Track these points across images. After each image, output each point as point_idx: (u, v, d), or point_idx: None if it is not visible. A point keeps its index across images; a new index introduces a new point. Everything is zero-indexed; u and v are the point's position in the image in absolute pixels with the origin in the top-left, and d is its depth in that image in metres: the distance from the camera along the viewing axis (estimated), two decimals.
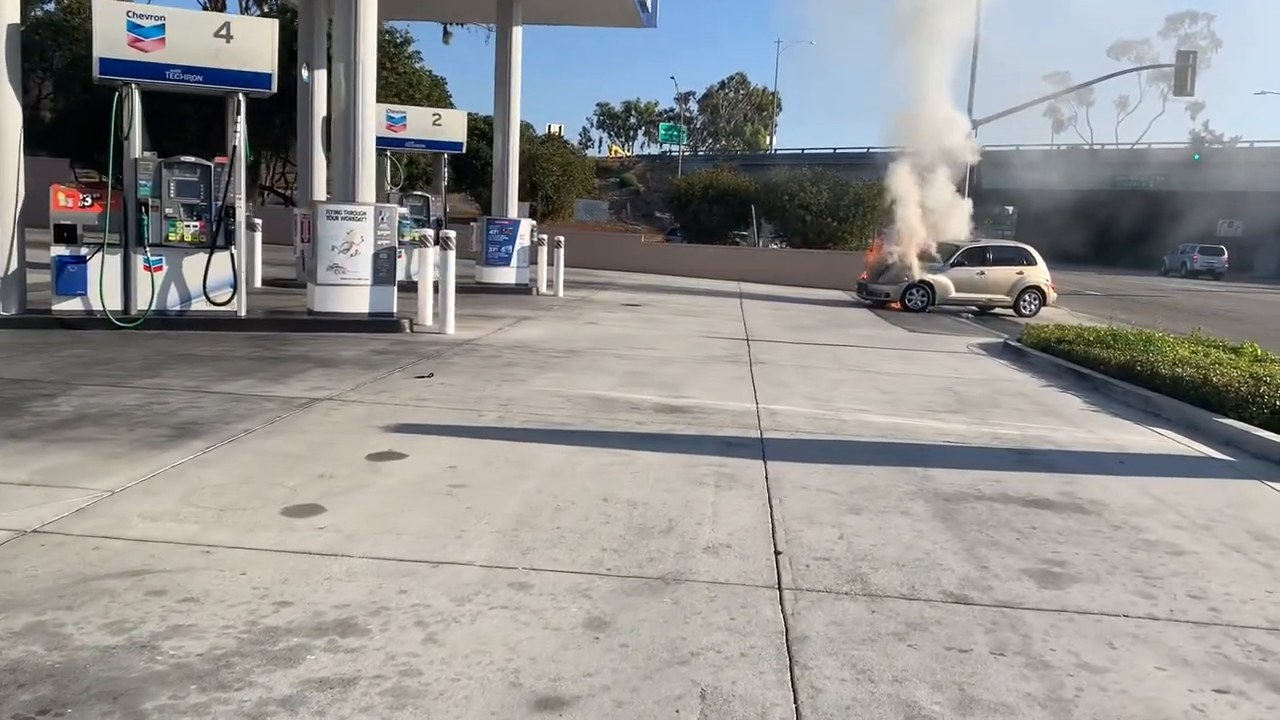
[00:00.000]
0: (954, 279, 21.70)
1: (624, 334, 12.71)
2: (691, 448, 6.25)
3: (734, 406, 7.77)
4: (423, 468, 5.41)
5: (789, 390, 8.78)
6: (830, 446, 6.53)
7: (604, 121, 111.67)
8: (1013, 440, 7.07)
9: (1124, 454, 6.84)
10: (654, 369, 9.62)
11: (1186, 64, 29.06)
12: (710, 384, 8.87)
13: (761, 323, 15.98)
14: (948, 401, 8.66)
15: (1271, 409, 7.72)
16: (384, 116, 18.09)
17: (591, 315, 15.21)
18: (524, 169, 41.06)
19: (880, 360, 11.52)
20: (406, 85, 31.15)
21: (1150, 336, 12.22)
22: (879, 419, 7.61)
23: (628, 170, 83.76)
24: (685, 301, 19.65)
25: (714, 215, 33.18)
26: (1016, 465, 6.28)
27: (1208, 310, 27.22)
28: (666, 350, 11.21)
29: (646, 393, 8.20)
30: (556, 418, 6.94)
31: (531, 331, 12.36)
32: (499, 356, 9.85)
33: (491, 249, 18.87)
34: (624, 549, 4.26)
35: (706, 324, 14.94)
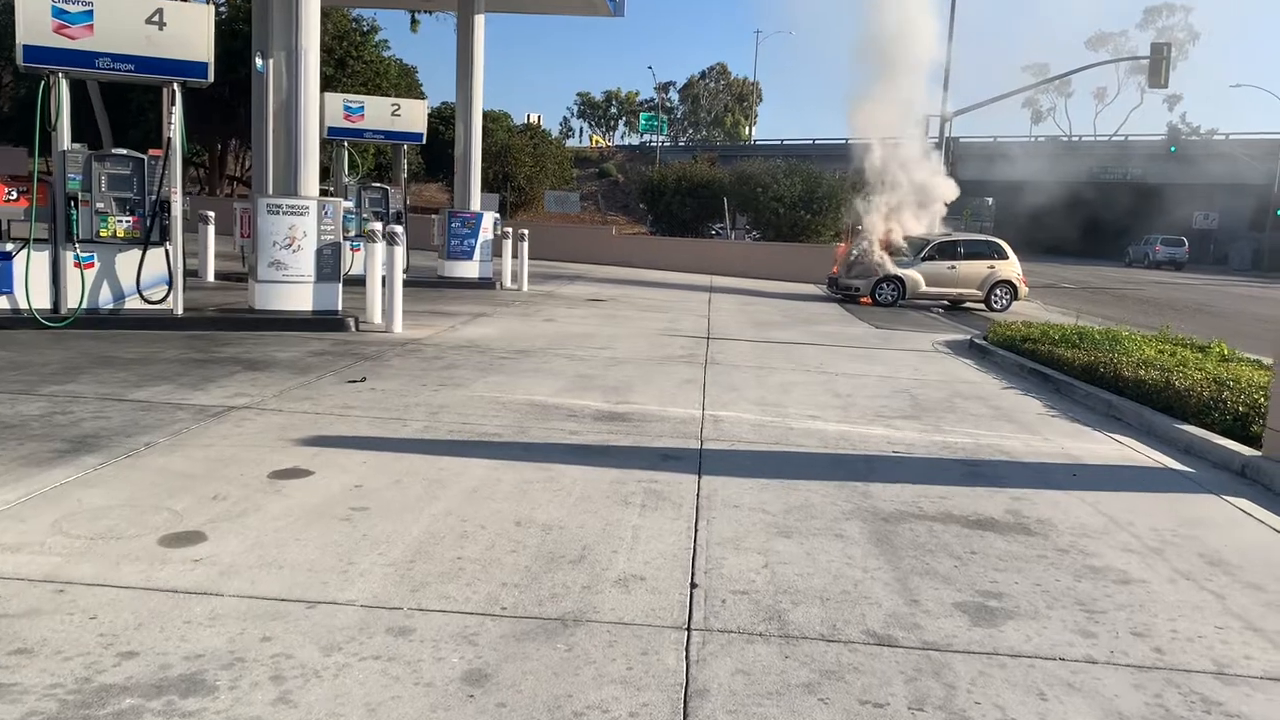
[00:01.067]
0: (924, 273, 21.46)
1: (581, 332, 12.36)
2: (625, 461, 5.92)
3: (678, 413, 7.45)
4: (326, 487, 5.05)
5: (740, 394, 8.46)
6: (771, 459, 6.21)
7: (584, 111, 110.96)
8: (963, 450, 6.77)
9: (1078, 465, 6.55)
10: (604, 371, 9.28)
11: (1161, 56, 28.91)
12: (660, 387, 8.54)
13: (727, 319, 15.67)
14: (903, 406, 8.36)
15: (1234, 415, 7.46)
16: (341, 106, 17.66)
17: (552, 312, 14.84)
18: (495, 159, 40.71)
19: (840, 360, 11.22)
20: (374, 75, 30.60)
21: (1117, 335, 11.98)
22: (828, 426, 7.30)
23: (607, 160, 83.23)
24: (653, 296, 19.31)
25: (687, 207, 32.80)
26: (964, 479, 5.98)
27: (1182, 304, 27.12)
28: (622, 350, 10.87)
29: (590, 398, 7.86)
30: (487, 428, 6.59)
31: (484, 330, 11.99)
32: (442, 358, 9.48)
33: (453, 242, 18.46)
34: (526, 583, 3.93)
35: (669, 320, 14.61)
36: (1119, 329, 12.59)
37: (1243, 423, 7.35)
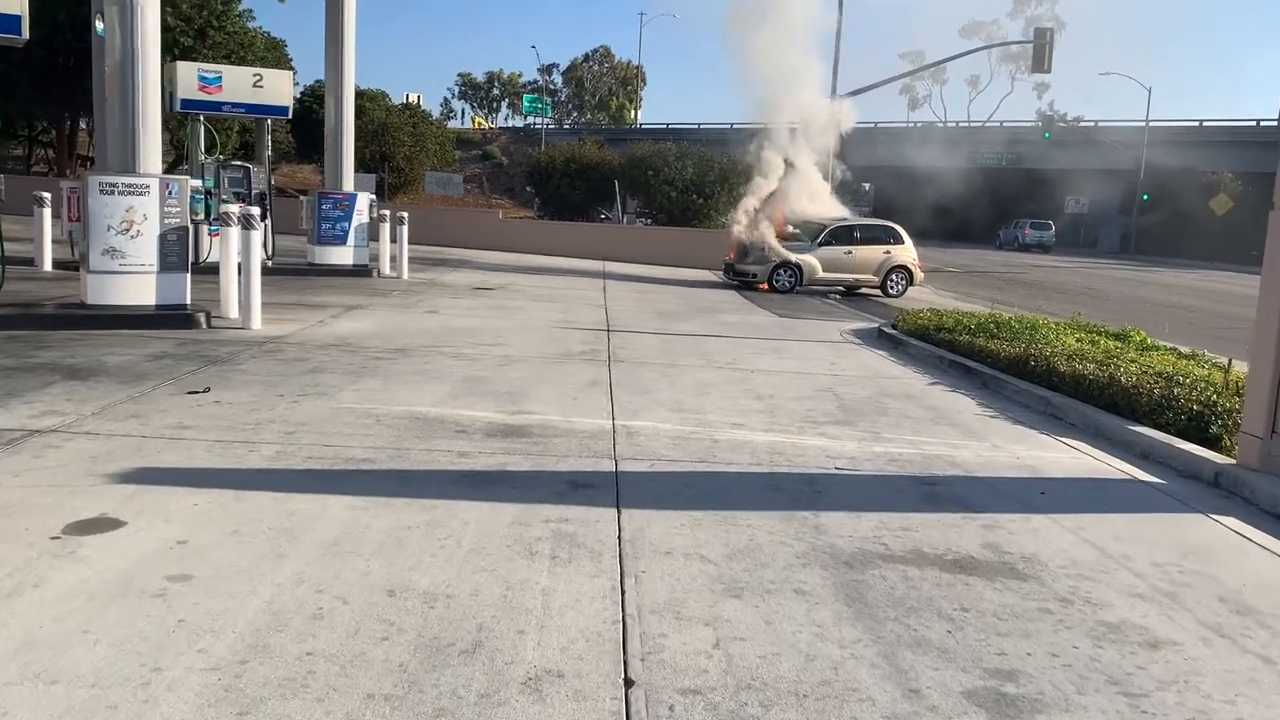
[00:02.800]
0: (821, 259, 20.92)
1: (468, 326, 11.21)
2: (527, 492, 4.88)
3: (585, 424, 6.43)
4: (140, 546, 3.87)
5: (652, 398, 7.50)
6: (700, 482, 5.26)
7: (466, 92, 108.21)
8: (912, 463, 5.95)
9: (1041, 480, 5.80)
10: (496, 372, 8.19)
11: (1044, 40, 29.12)
12: (561, 391, 7.51)
13: (625, 308, 14.70)
14: (830, 409, 7.53)
15: (1188, 415, 6.86)
16: (195, 77, 15.95)
17: (435, 302, 13.61)
18: (373, 138, 38.80)
19: (752, 354, 10.37)
20: (238, 46, 28.44)
21: (1035, 324, 11.46)
22: (756, 436, 6.39)
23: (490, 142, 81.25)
24: (544, 284, 18.20)
25: (576, 191, 31.66)
26: (924, 503, 5.14)
27: (1069, 287, 27.41)
28: (515, 346, 9.79)
29: (482, 407, 6.77)
30: (355, 451, 5.45)
31: (357, 324, 10.72)
32: (307, 359, 8.23)
33: (324, 226, 16.97)
34: (402, 693, 2.87)
35: (564, 311, 13.55)
36: (1034, 317, 12.10)
37: (1199, 423, 6.75)
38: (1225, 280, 35.59)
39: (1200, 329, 17.11)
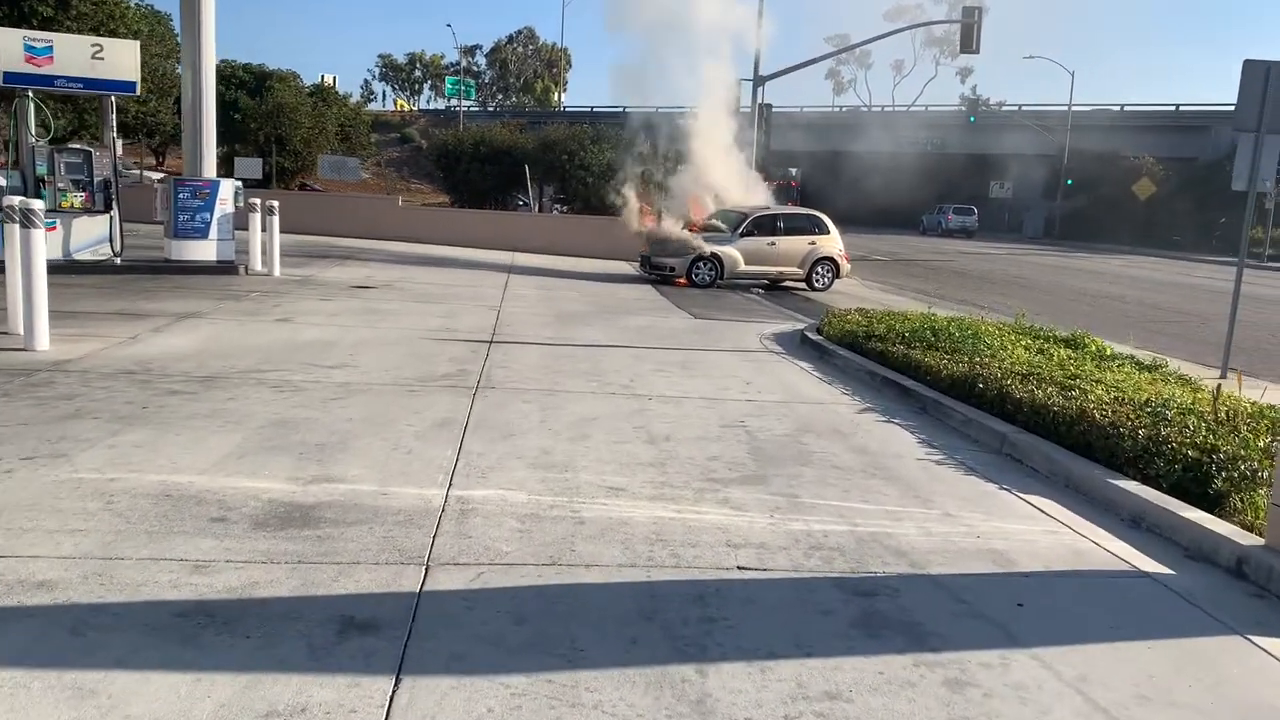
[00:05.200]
0: (743, 251, 19.47)
1: (320, 339, 9.43)
2: (264, 649, 3.20)
3: (406, 498, 4.77)
4: None
5: (513, 445, 5.86)
6: (541, 610, 3.63)
7: (387, 74, 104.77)
8: (841, 552, 4.40)
9: (1014, 575, 4.29)
10: (320, 410, 6.47)
11: (973, 20, 28.04)
12: (395, 440, 5.83)
13: (521, 310, 13.03)
14: (739, 456, 5.97)
15: (1183, 463, 5.44)
16: (21, 45, 13.76)
17: (295, 306, 11.77)
18: (267, 120, 36.38)
19: (655, 372, 8.79)
20: (106, 18, 25.78)
21: (976, 330, 10.06)
22: (637, 510, 4.79)
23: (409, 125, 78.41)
24: (438, 279, 16.42)
25: (487, 176, 29.68)
26: (860, 633, 3.59)
27: (996, 276, 26.40)
28: (365, 367, 8.06)
29: (270, 472, 5.06)
30: (37, 566, 3.71)
31: (177, 340, 8.86)
32: (75, 397, 6.40)
33: (182, 217, 14.95)
34: None
35: (447, 315, 11.82)
36: (976, 322, 10.72)
37: (1196, 475, 5.34)
38: (1151, 266, 35.13)
39: (1140, 324, 16.02)
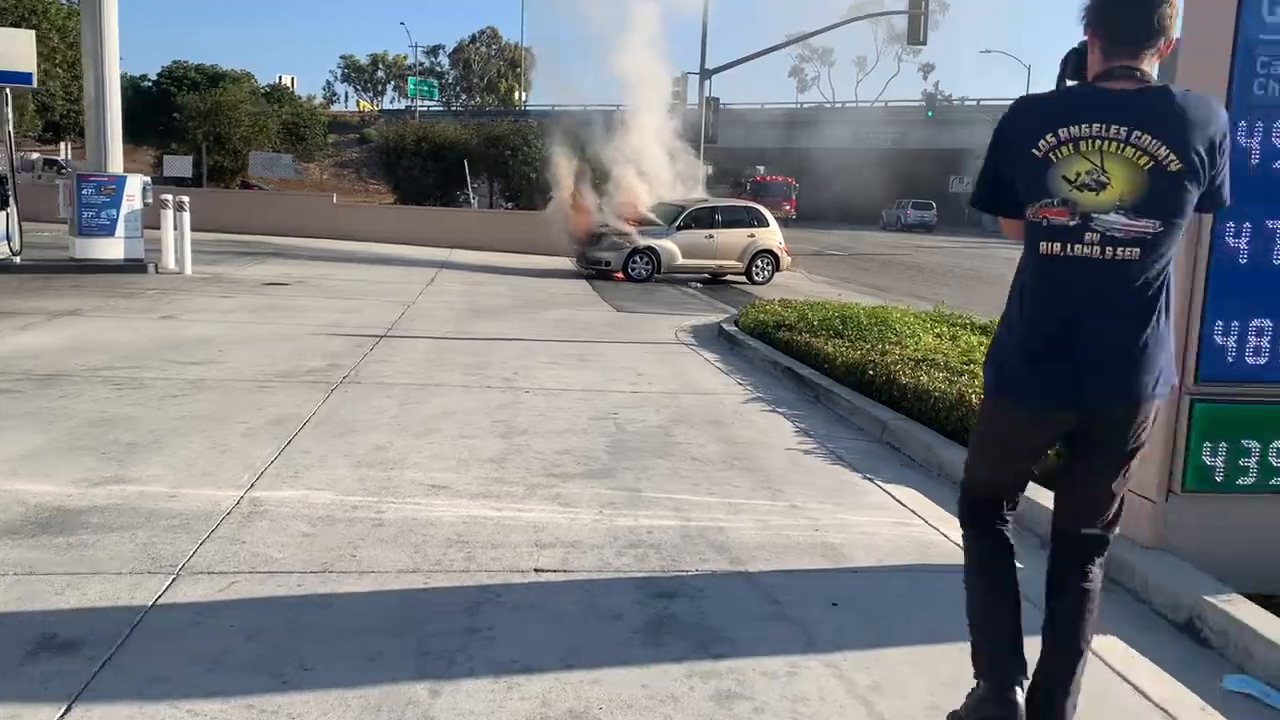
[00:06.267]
0: (680, 244, 19.11)
1: (198, 336, 8.96)
2: None
3: (196, 499, 4.34)
4: None
5: (346, 443, 5.45)
6: (283, 624, 3.23)
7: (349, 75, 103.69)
8: (660, 549, 4.02)
9: (841, 570, 3.94)
10: (152, 409, 6.03)
11: (919, 11, 27.82)
12: (219, 438, 5.39)
13: (436, 305, 12.59)
14: (595, 448, 5.59)
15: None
16: None
17: (192, 303, 11.27)
18: (205, 119, 35.61)
19: (547, 365, 8.39)
20: (28, 12, 24.99)
21: (887, 317, 9.72)
22: (452, 508, 4.40)
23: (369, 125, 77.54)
24: (361, 276, 15.94)
25: (429, 172, 29.11)
26: (641, 639, 3.22)
27: (946, 269, 26.21)
28: (233, 364, 7.62)
29: (61, 472, 4.63)
30: None
31: (41, 339, 8.37)
32: None
33: (87, 214, 14.36)
34: None
35: (350, 311, 11.37)
36: (888, 308, 10.39)
37: None
38: None
39: None
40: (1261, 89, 3.66)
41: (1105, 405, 2.44)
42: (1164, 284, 2.40)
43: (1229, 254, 3.73)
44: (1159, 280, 2.39)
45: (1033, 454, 2.63)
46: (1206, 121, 2.37)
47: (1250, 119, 3.66)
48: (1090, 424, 2.49)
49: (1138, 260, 2.36)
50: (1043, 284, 2.46)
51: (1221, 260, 3.74)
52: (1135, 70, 2.38)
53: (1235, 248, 3.73)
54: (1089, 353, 2.40)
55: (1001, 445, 2.65)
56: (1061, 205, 2.38)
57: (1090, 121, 2.35)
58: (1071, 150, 2.36)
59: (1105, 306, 2.39)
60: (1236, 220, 3.71)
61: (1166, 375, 2.45)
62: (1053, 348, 2.42)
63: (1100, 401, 2.43)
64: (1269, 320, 3.78)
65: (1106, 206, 2.35)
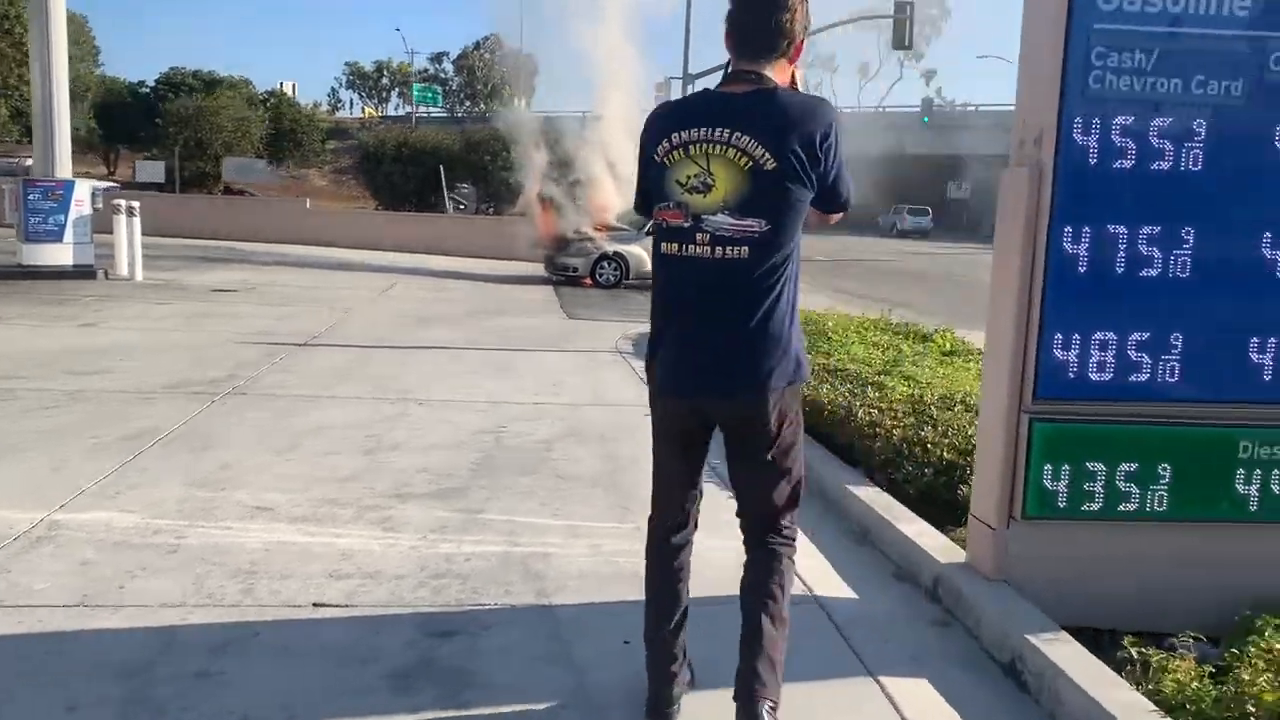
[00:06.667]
0: (649, 250, 18.78)
1: (110, 344, 8.73)
2: None
3: None
4: None
5: (197, 457, 5.20)
6: None
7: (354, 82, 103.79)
8: (465, 582, 3.75)
9: None
10: (8, 422, 5.79)
11: (905, 15, 27.55)
12: (55, 455, 5.15)
13: (380, 312, 12.37)
14: (457, 466, 5.32)
15: (936, 468, 4.81)
16: None
17: (121, 310, 11.06)
18: (186, 124, 35.50)
19: (459, 375, 8.14)
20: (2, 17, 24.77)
21: (823, 325, 9.42)
22: (261, 534, 4.13)
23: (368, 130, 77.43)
24: (314, 282, 15.71)
25: (410, 178, 28.89)
26: (385, 685, 2.94)
27: (933, 275, 25.91)
28: (126, 372, 7.41)
29: None
30: None
31: None
32: None
33: (34, 220, 14.18)
34: None
35: (286, 318, 11.12)
36: (827, 315, 10.08)
37: (949, 480, 4.71)
38: None
39: None
40: (1098, 82, 3.37)
41: (722, 397, 2.51)
42: (781, 282, 2.46)
43: (1068, 260, 3.43)
44: (775, 278, 2.44)
45: (679, 452, 2.71)
46: (803, 121, 2.40)
47: (1086, 114, 3.37)
48: (719, 417, 2.60)
49: (747, 259, 2.41)
50: (667, 283, 2.56)
51: (1059, 267, 3.44)
52: (753, 74, 2.45)
53: (1074, 254, 3.43)
54: (706, 347, 2.48)
55: (657, 440, 2.76)
56: (676, 208, 2.46)
57: (698, 126, 2.43)
58: (682, 154, 2.45)
59: (719, 304, 2.45)
60: (1075, 224, 3.42)
61: (785, 370, 2.49)
62: (675, 341, 2.54)
63: (717, 393, 2.50)
64: (1113, 333, 3.48)
65: (714, 208, 2.41)
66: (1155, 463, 3.55)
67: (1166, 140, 3.39)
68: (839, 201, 2.59)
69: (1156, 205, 3.44)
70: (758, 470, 2.63)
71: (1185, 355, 3.50)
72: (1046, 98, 3.41)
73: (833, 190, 2.53)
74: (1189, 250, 3.45)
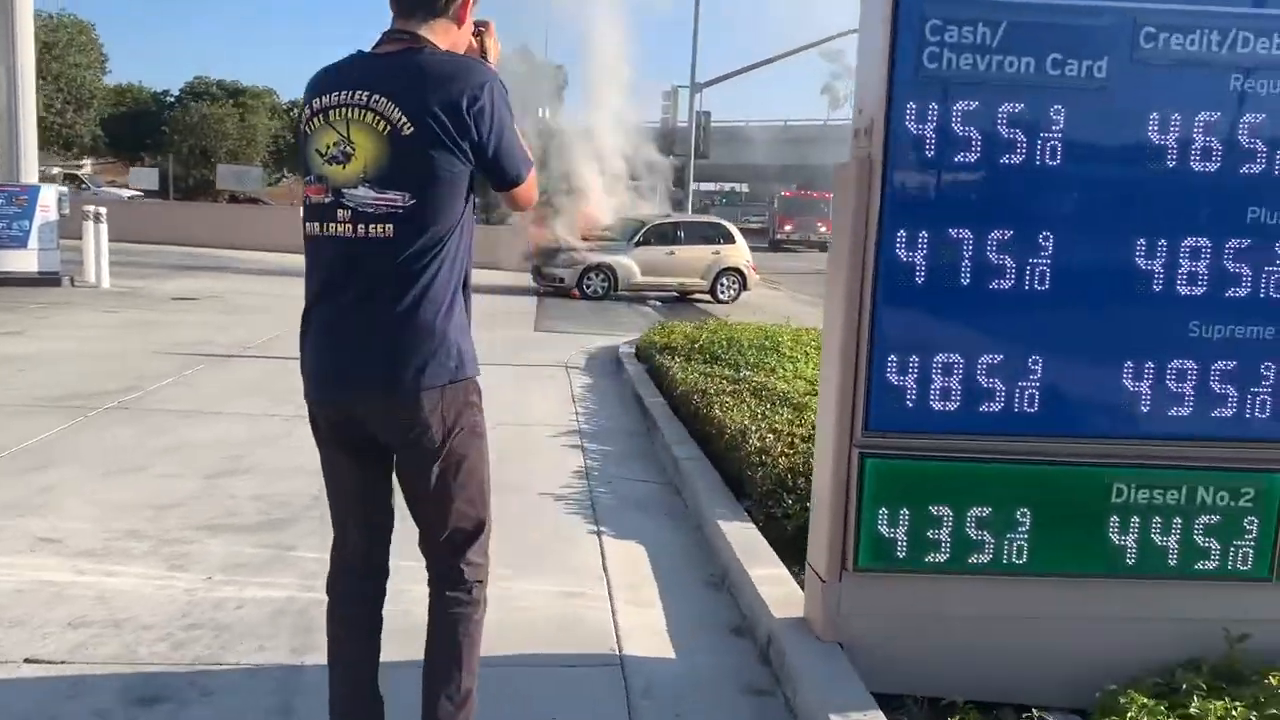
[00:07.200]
0: (639, 260, 18.41)
1: (25, 353, 8.42)
2: None
3: None
4: None
5: (24, 480, 4.83)
6: None
7: None
8: (218, 635, 3.30)
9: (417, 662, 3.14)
10: None
11: None
12: None
13: None
14: (307, 490, 4.86)
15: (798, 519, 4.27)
16: None
17: (64, 318, 10.79)
18: (190, 132, 35.57)
19: None
20: None
21: (779, 341, 8.90)
22: (33, 569, 3.72)
23: None
24: (280, 292, 15.17)
25: None
26: None
27: None
28: (24, 385, 7.15)
29: None
30: None
31: None
32: None
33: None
34: None
35: (229, 328, 10.78)
36: (782, 329, 9.54)
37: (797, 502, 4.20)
38: None
39: None
40: (935, 60, 2.86)
41: (366, 396, 2.17)
42: (436, 265, 2.13)
43: (901, 269, 2.92)
44: (428, 260, 2.12)
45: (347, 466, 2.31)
46: (446, 81, 2.10)
47: (922, 99, 2.85)
48: (371, 423, 2.21)
49: (393, 238, 2.10)
50: (312, 267, 2.23)
51: (891, 277, 2.92)
52: (407, 34, 2.16)
53: (909, 262, 2.91)
54: (348, 340, 2.16)
55: (319, 450, 2.35)
56: (318, 182, 2.17)
57: (338, 89, 2.14)
58: (322, 121, 2.15)
59: (362, 289, 2.13)
60: (910, 228, 2.90)
61: (441, 365, 2.16)
62: (318, 334, 2.22)
63: (360, 391, 2.17)
64: (959, 355, 2.96)
65: (354, 180, 2.12)
66: (1013, 507, 3.03)
67: (1019, 130, 2.88)
68: (507, 179, 2.24)
69: (1008, 206, 2.93)
70: (427, 491, 2.24)
71: (1046, 381, 2.98)
72: (876, 79, 2.91)
73: (496, 165, 2.19)
74: (1047, 259, 2.93)
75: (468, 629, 2.29)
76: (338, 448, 2.30)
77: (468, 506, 2.28)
